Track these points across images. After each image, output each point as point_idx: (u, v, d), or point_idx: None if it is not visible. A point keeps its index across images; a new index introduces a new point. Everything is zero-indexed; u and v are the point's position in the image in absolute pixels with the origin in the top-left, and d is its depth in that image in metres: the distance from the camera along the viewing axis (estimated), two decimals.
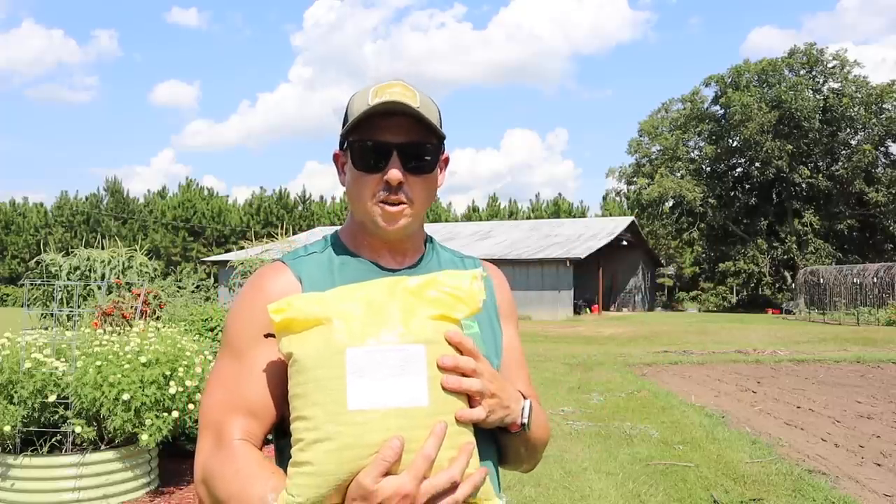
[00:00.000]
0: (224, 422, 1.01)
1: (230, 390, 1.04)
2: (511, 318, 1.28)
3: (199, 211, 46.95)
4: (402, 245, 1.16)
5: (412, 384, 0.87)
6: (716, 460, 5.48)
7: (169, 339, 4.60)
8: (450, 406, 0.90)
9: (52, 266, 8.82)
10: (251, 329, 1.05)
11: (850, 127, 34.81)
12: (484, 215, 49.77)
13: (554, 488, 4.76)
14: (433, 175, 1.12)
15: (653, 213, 38.34)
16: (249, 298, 1.09)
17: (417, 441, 0.85)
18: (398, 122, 1.07)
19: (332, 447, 0.85)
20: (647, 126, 39.80)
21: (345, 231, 1.20)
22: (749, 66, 36.21)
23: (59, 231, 45.32)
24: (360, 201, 1.10)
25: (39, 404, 4.17)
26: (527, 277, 27.62)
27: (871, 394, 8.82)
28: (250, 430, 1.02)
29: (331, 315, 0.92)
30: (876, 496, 4.65)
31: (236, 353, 1.06)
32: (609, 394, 8.69)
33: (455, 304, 0.97)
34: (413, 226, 1.12)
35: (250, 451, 0.99)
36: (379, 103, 1.04)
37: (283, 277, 1.11)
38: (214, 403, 1.04)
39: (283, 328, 0.94)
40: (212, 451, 1.01)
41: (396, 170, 1.06)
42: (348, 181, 1.12)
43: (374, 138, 1.07)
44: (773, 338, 16.98)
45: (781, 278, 35.67)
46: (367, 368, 0.87)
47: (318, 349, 0.90)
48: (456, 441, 0.89)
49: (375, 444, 0.84)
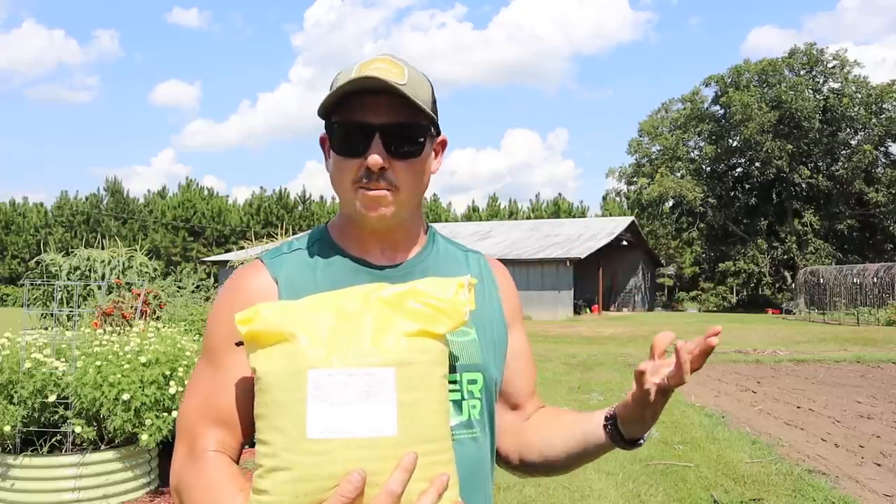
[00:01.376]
0: (199, 431, 0.97)
1: (206, 398, 0.99)
2: (518, 320, 1.18)
3: (199, 211, 46.95)
4: (393, 237, 1.06)
5: (379, 411, 0.79)
6: (716, 460, 5.48)
7: (169, 339, 4.60)
8: (421, 434, 0.81)
9: (52, 266, 8.82)
10: (226, 334, 0.98)
11: (850, 127, 34.82)
12: (484, 215, 49.78)
13: (554, 488, 4.76)
14: (422, 159, 1.01)
15: (653, 213, 38.35)
16: (226, 301, 1.02)
17: (383, 473, 0.78)
18: (382, 100, 0.96)
19: (289, 478, 0.78)
20: (648, 126, 39.80)
21: (334, 223, 1.11)
22: (749, 66, 36.21)
23: (59, 231, 45.32)
24: (340, 188, 1.01)
25: (39, 404, 4.16)
26: (527, 277, 27.61)
27: (871, 394, 8.82)
28: (224, 440, 0.97)
29: (295, 330, 0.84)
30: (876, 496, 4.65)
31: (213, 358, 1.01)
32: (609, 394, 8.69)
33: (436, 317, 0.88)
34: (401, 214, 1.02)
35: (222, 464, 0.94)
36: (357, 78, 0.93)
37: (260, 278, 1.03)
38: (190, 410, 1.00)
39: (251, 340, 0.86)
40: (185, 459, 0.96)
41: (377, 154, 0.95)
42: (331, 165, 1.03)
43: (354, 119, 0.97)
44: (773, 338, 16.98)
45: (781, 278, 35.67)
46: (329, 392, 0.79)
47: (280, 368, 0.82)
48: (429, 472, 0.80)
49: (336, 476, 0.77)
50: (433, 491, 0.79)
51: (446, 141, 1.10)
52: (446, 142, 1.10)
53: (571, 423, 1.11)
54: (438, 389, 0.86)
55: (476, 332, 1.05)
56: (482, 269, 1.15)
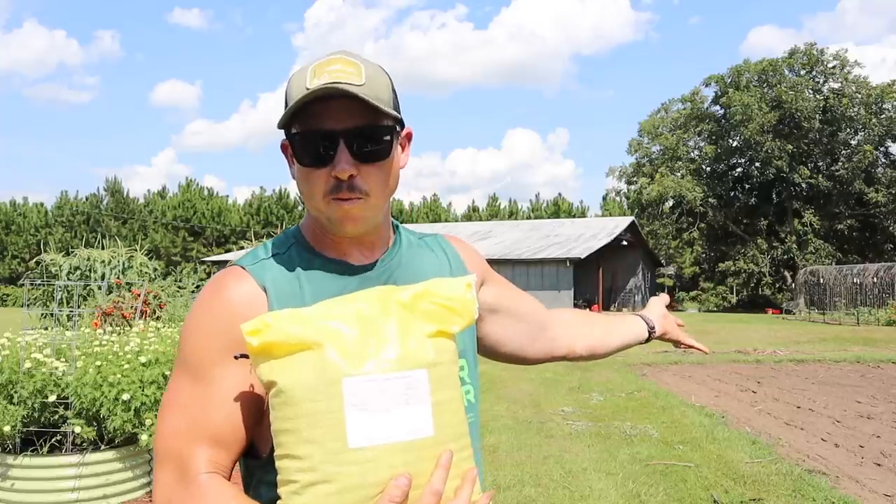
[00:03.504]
0: (187, 453, 0.89)
1: (192, 416, 0.91)
2: (490, 274, 1.23)
3: (199, 211, 46.93)
4: (368, 238, 1.04)
5: (417, 414, 0.81)
6: (716, 460, 5.48)
7: (169, 338, 4.60)
8: (452, 431, 0.84)
9: (52, 266, 8.83)
10: (214, 345, 0.93)
11: (850, 127, 34.79)
12: (484, 215, 49.75)
13: (554, 488, 4.76)
14: (389, 160, 0.98)
15: (653, 213, 38.32)
16: (209, 310, 0.95)
17: (423, 475, 0.79)
18: (340, 104, 0.92)
19: (333, 489, 0.77)
20: (648, 126, 39.78)
21: (306, 227, 1.06)
22: (749, 66, 36.18)
23: (59, 231, 45.32)
24: (311, 200, 0.97)
25: (39, 404, 4.17)
26: (527, 277, 27.61)
27: (871, 394, 8.81)
28: (217, 460, 0.91)
29: (320, 338, 0.82)
30: (876, 496, 4.65)
31: (197, 373, 0.93)
32: (609, 394, 8.69)
33: (449, 317, 0.89)
34: (374, 220, 1.00)
35: (221, 486, 0.88)
36: (315, 88, 0.90)
37: (244, 285, 0.97)
38: (173, 432, 0.91)
39: (262, 352, 0.83)
40: (175, 486, 0.89)
41: (345, 163, 0.92)
42: (297, 175, 0.99)
43: (315, 127, 0.93)
44: (773, 338, 16.97)
45: (781, 278, 35.66)
46: (367, 400, 0.79)
47: (308, 379, 0.80)
48: (459, 469, 0.83)
49: (381, 483, 0.78)
50: (468, 486, 0.83)
51: (411, 133, 1.07)
52: (411, 134, 1.07)
53: (620, 333, 1.49)
54: (458, 387, 0.89)
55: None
56: (445, 250, 1.17)
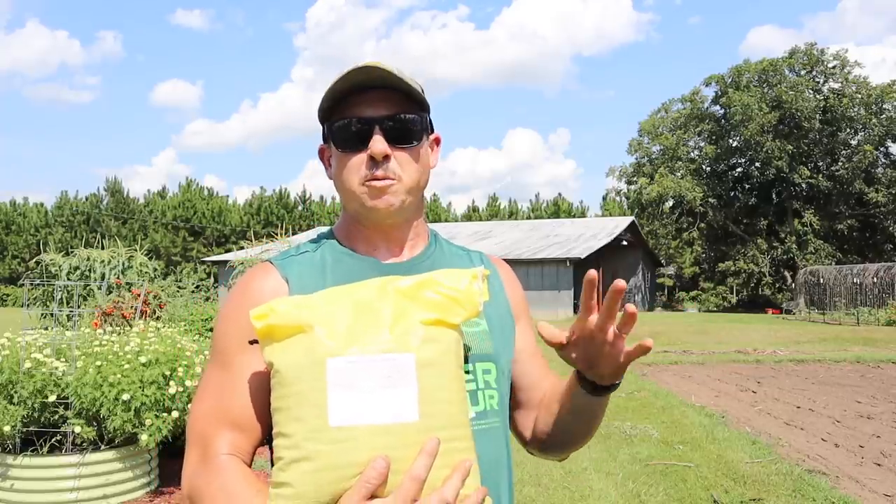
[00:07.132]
0: (211, 434, 0.96)
1: (217, 401, 0.98)
2: (524, 313, 1.23)
3: (199, 211, 46.93)
4: (399, 233, 1.09)
5: (400, 397, 0.79)
6: (716, 460, 5.48)
7: (169, 339, 4.60)
8: (443, 420, 0.82)
9: (52, 266, 8.82)
10: (237, 335, 0.99)
11: (850, 127, 34.79)
12: (484, 215, 49.75)
13: (554, 488, 4.76)
14: (420, 147, 1.05)
15: (653, 213, 38.31)
16: (236, 302, 1.03)
17: (406, 460, 0.78)
18: (376, 95, 1.01)
19: (312, 467, 0.78)
20: (648, 126, 39.78)
21: (339, 227, 1.14)
22: (749, 66, 36.17)
23: (59, 231, 45.32)
24: (347, 186, 1.04)
25: (39, 404, 4.17)
26: (527, 277, 27.59)
27: (871, 394, 8.82)
28: (237, 444, 0.96)
29: (312, 321, 0.84)
30: (876, 496, 4.65)
31: (223, 360, 1.01)
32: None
33: (452, 307, 0.88)
34: (407, 207, 1.05)
35: (236, 467, 0.93)
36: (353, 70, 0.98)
37: (271, 279, 1.04)
38: (202, 415, 0.99)
39: (266, 335, 0.86)
40: (198, 465, 0.95)
41: (380, 142, 1.00)
42: (334, 168, 1.07)
43: (353, 115, 1.01)
44: (773, 338, 16.97)
45: (781, 278, 35.66)
46: (350, 380, 0.79)
47: (298, 359, 0.82)
48: (451, 459, 0.80)
49: (360, 463, 0.77)
50: (457, 477, 0.79)
51: (440, 138, 1.15)
52: (440, 139, 1.15)
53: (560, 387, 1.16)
54: (456, 377, 0.87)
55: (486, 322, 1.09)
56: (486, 267, 1.18)
